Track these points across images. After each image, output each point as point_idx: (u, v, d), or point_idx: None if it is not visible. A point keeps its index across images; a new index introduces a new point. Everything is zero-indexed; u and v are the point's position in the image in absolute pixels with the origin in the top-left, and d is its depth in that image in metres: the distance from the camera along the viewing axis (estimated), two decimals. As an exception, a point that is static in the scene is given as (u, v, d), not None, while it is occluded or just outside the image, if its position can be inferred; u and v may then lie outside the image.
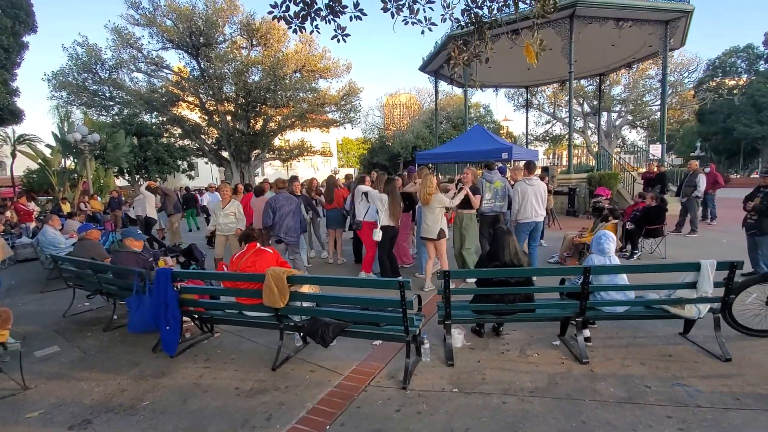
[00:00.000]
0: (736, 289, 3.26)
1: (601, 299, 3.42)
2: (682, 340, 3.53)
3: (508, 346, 3.56)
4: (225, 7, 19.87)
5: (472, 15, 3.79)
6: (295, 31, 3.58)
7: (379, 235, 5.35)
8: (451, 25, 6.23)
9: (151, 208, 9.63)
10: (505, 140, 15.65)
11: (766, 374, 2.92)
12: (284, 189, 5.92)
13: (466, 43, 4.01)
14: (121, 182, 24.48)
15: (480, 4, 3.78)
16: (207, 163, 29.59)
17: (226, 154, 23.79)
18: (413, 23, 3.62)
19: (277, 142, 27.01)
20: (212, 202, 7.91)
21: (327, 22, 3.52)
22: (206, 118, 22.80)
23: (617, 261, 3.63)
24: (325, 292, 3.85)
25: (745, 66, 34.73)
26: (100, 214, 12.81)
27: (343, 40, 3.63)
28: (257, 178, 24.34)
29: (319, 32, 3.61)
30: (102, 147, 17.18)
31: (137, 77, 21.02)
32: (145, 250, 4.74)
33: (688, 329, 3.56)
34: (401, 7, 3.56)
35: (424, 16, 3.61)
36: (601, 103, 22.45)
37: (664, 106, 14.38)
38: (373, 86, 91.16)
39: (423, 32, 3.74)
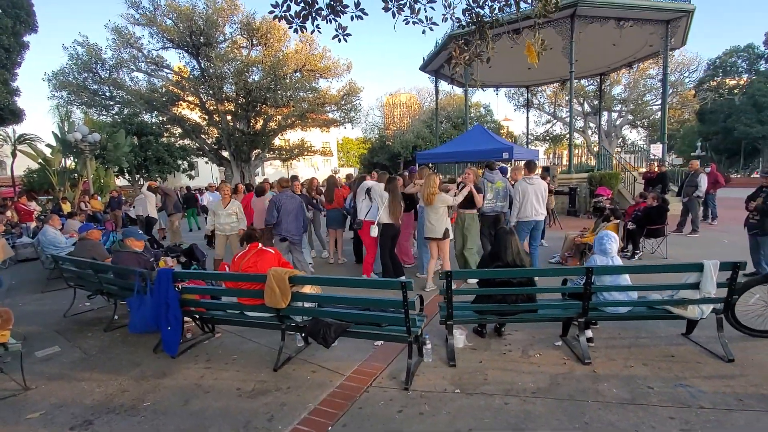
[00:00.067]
0: (739, 290, 3.24)
1: (604, 300, 3.42)
2: (685, 341, 3.52)
3: (510, 347, 3.55)
4: (225, 6, 19.85)
5: (474, 14, 3.78)
6: (296, 31, 3.57)
7: (376, 231, 5.34)
8: (452, 25, 6.22)
9: (152, 207, 9.79)
10: (506, 140, 15.62)
11: (769, 375, 2.91)
12: (287, 188, 5.94)
13: (467, 42, 3.99)
14: (122, 182, 24.50)
15: (481, 4, 3.77)
16: (207, 163, 29.57)
17: (226, 154, 23.77)
18: (414, 23, 3.61)
19: (278, 141, 26.98)
20: (213, 202, 7.92)
21: (328, 22, 3.51)
22: (206, 117, 22.78)
23: (619, 261, 3.62)
24: (327, 292, 3.84)
25: (746, 66, 34.74)
26: (101, 214, 12.81)
27: (344, 40, 3.62)
28: (257, 178, 24.33)
29: (320, 32, 3.60)
30: (102, 147, 17.17)
31: (137, 77, 21.05)
32: (146, 250, 4.73)
33: (691, 330, 3.56)
34: (402, 6, 3.55)
35: (425, 16, 3.60)
36: (601, 102, 22.47)
37: (664, 106, 14.36)
38: (373, 86, 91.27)
39: (424, 32, 3.73)
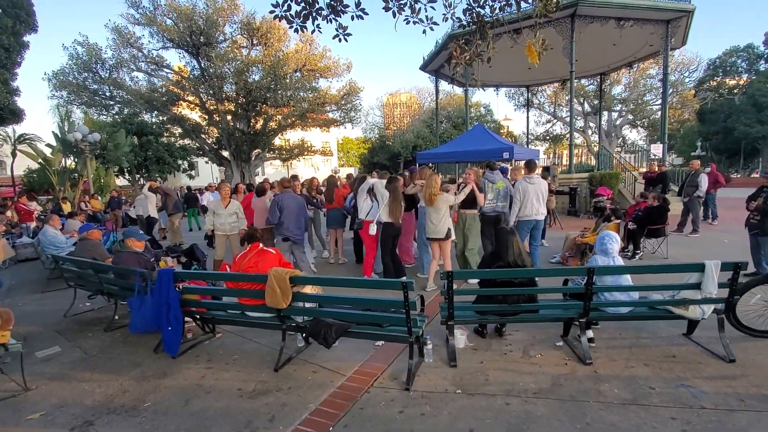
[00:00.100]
0: (740, 290, 3.24)
1: (605, 300, 3.41)
2: (686, 341, 3.52)
3: (510, 347, 3.55)
4: (225, 6, 19.83)
5: (474, 14, 3.77)
6: (296, 31, 3.56)
7: (374, 228, 5.34)
8: (452, 25, 6.20)
9: (153, 208, 9.87)
10: (506, 140, 15.61)
11: (771, 375, 2.90)
12: (289, 188, 5.95)
13: (468, 42, 3.98)
14: (122, 182, 24.49)
15: (482, 4, 3.75)
16: (207, 163, 29.54)
17: (226, 154, 23.76)
18: (415, 23, 3.60)
19: (278, 141, 26.97)
20: (213, 202, 7.93)
21: (328, 22, 3.49)
22: (206, 117, 22.76)
23: (621, 262, 3.61)
24: (328, 292, 3.83)
25: (746, 66, 34.70)
26: (101, 214, 12.81)
27: (345, 40, 3.61)
28: (257, 178, 24.31)
29: (321, 32, 3.60)
30: (102, 146, 17.16)
31: (137, 77, 21.02)
32: (147, 251, 4.72)
33: (692, 330, 3.55)
34: (403, 6, 3.54)
35: (426, 16, 3.58)
36: (601, 102, 22.45)
37: (665, 106, 14.33)
38: (373, 85, 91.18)
39: (424, 32, 3.72)
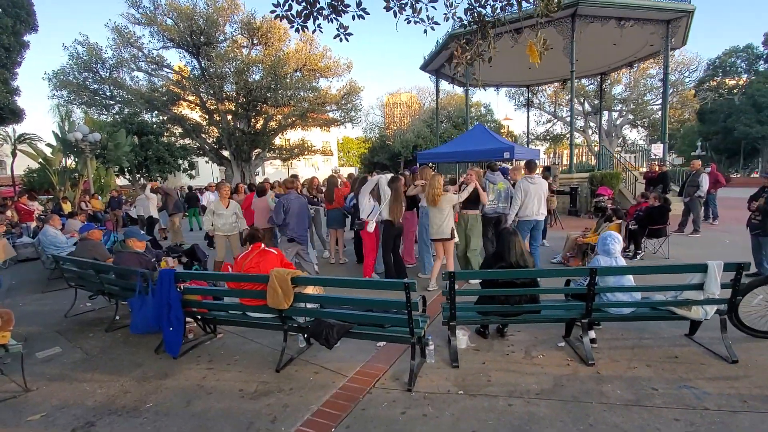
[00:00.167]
0: (742, 291, 3.23)
1: (607, 300, 3.40)
2: (688, 342, 3.51)
3: (512, 348, 3.54)
4: (226, 6, 19.82)
5: (476, 14, 3.76)
6: (297, 30, 3.55)
7: (373, 225, 5.34)
8: (453, 24, 6.19)
9: (154, 208, 9.97)
10: (507, 139, 15.58)
11: (774, 376, 2.90)
12: (293, 188, 5.96)
13: (469, 42, 3.97)
14: (122, 181, 24.48)
15: (483, 3, 3.74)
16: (207, 163, 29.51)
17: (226, 154, 23.76)
18: (416, 22, 3.59)
19: (278, 141, 26.98)
20: (213, 202, 7.94)
21: (329, 21, 3.48)
22: (207, 117, 22.76)
23: (623, 262, 3.60)
24: (330, 293, 3.83)
25: (745, 66, 34.72)
26: (101, 214, 12.81)
27: (346, 39, 3.59)
28: (258, 178, 24.31)
29: (322, 31, 3.59)
30: (103, 146, 17.13)
31: (138, 76, 21.02)
32: (148, 251, 4.71)
33: (694, 331, 3.55)
34: (404, 6, 3.53)
35: (427, 15, 3.57)
36: (602, 102, 22.45)
37: (665, 106, 14.31)
38: (373, 85, 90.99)
39: (425, 31, 3.71)
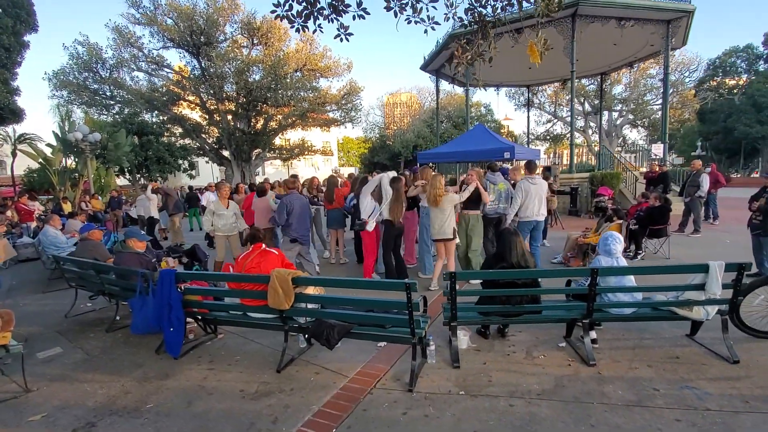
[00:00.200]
0: (744, 291, 3.23)
1: (608, 301, 3.40)
2: (689, 342, 3.51)
3: (513, 348, 3.54)
4: (226, 5, 19.83)
5: (476, 14, 3.76)
6: (297, 30, 3.55)
7: (372, 224, 5.35)
8: (453, 24, 6.18)
9: (155, 208, 9.98)
10: (507, 140, 15.58)
11: (775, 376, 2.89)
12: (294, 189, 5.95)
13: (470, 42, 3.97)
14: (122, 181, 24.47)
15: (484, 3, 3.74)
16: (208, 163, 29.52)
17: (226, 154, 23.77)
18: (416, 22, 3.58)
19: (278, 141, 26.99)
20: (213, 202, 7.95)
21: (330, 21, 3.48)
22: (207, 117, 22.77)
23: (624, 262, 3.60)
24: (330, 293, 3.82)
25: (745, 66, 34.70)
26: (101, 214, 12.81)
27: (346, 39, 3.59)
28: (258, 178, 24.31)
29: (322, 31, 3.58)
30: (103, 146, 17.13)
31: (138, 76, 21.06)
32: (148, 251, 4.71)
33: (695, 331, 3.54)
34: (404, 6, 3.53)
35: (427, 15, 3.57)
36: (602, 102, 22.44)
37: (665, 106, 14.28)
38: (373, 85, 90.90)
39: (426, 31, 3.71)
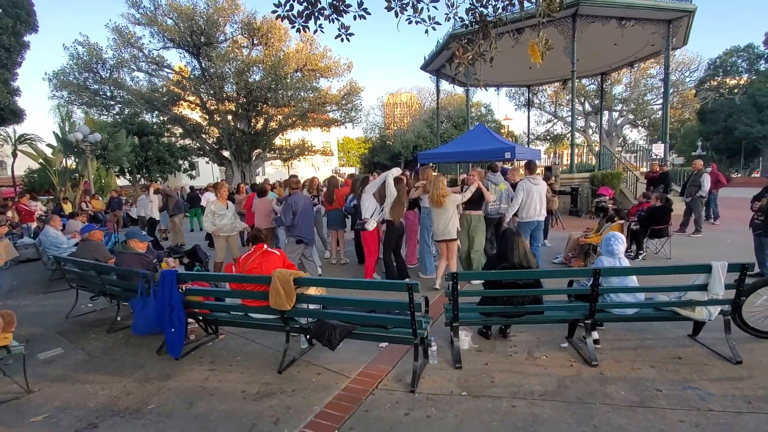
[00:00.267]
0: (746, 291, 3.22)
1: (611, 301, 3.39)
2: (692, 342, 3.50)
3: (515, 348, 3.53)
4: (226, 6, 19.83)
5: (477, 14, 3.75)
6: (298, 31, 3.54)
7: (373, 223, 5.35)
8: (454, 24, 6.19)
9: (155, 209, 10.00)
10: (508, 140, 15.57)
11: (778, 377, 2.88)
12: (297, 189, 5.93)
13: (470, 42, 3.96)
14: (122, 182, 24.48)
15: (485, 3, 3.74)
16: (208, 163, 29.54)
17: (227, 154, 23.78)
18: (417, 22, 3.58)
19: (278, 141, 26.99)
20: (213, 202, 7.96)
21: (330, 21, 3.47)
22: (207, 117, 22.78)
23: (627, 263, 3.58)
24: (332, 294, 3.81)
25: (746, 66, 34.69)
26: (102, 214, 12.81)
27: (347, 40, 3.58)
28: (258, 178, 24.31)
29: (323, 31, 3.58)
30: (103, 147, 17.14)
31: (138, 77, 21.06)
32: (149, 252, 4.70)
33: (698, 331, 3.54)
34: (405, 6, 3.52)
35: (428, 15, 3.56)
36: (602, 102, 22.44)
37: (666, 105, 14.25)
38: (374, 85, 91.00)
39: (427, 31, 3.71)
